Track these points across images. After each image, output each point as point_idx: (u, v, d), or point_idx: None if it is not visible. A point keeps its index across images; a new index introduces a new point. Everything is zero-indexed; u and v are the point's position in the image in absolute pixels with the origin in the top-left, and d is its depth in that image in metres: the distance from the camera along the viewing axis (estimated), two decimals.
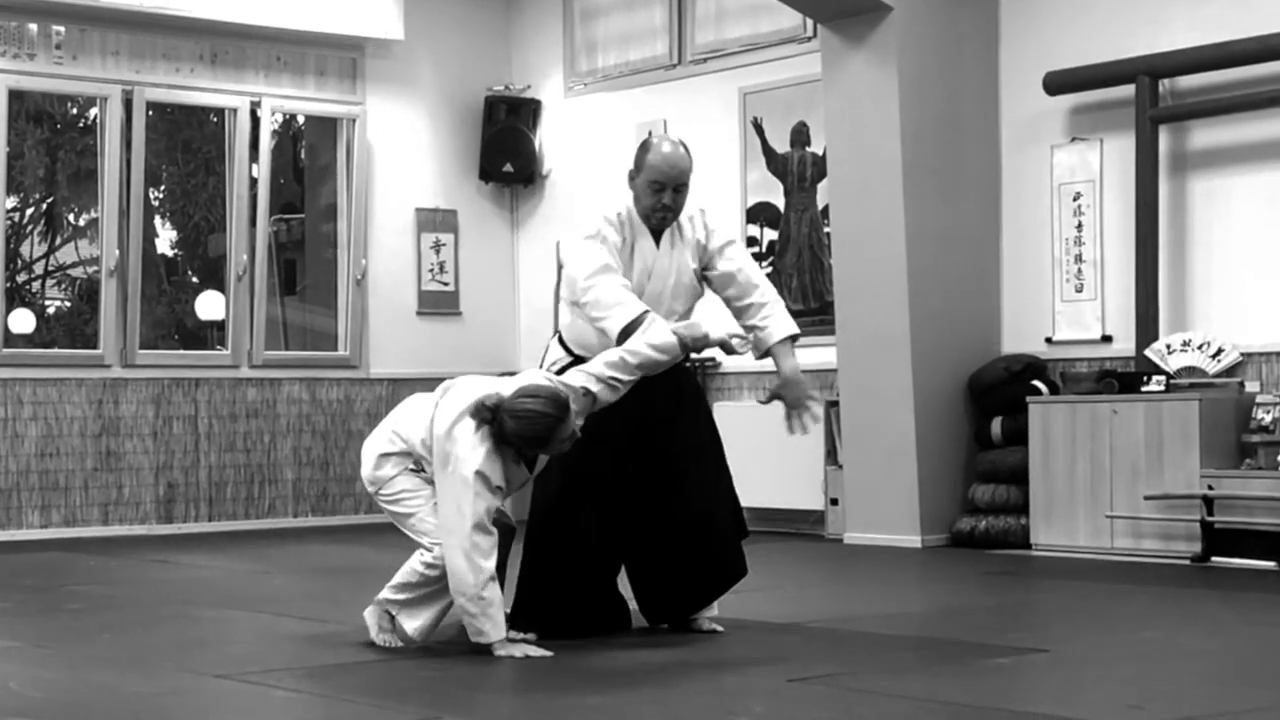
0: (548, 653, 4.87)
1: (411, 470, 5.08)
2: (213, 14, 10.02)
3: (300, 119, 12.72)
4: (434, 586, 5.01)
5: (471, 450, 4.85)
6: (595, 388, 4.99)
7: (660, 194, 5.22)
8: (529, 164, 11.07)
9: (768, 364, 9.77)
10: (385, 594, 5.10)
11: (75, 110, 16.20)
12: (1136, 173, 8.22)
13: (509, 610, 5.16)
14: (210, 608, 6.32)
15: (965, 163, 8.80)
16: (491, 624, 4.85)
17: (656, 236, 5.29)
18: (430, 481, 5.03)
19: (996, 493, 8.46)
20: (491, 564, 4.85)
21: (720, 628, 5.41)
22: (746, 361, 9.75)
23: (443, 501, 4.92)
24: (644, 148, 5.32)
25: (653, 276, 5.27)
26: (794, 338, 5.40)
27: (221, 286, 11.15)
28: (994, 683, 4.55)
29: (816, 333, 9.45)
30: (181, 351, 12.75)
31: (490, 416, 4.86)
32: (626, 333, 5.00)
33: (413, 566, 5.04)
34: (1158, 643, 5.32)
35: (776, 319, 5.37)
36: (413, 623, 5.05)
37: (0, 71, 9.62)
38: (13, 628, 5.82)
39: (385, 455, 5.11)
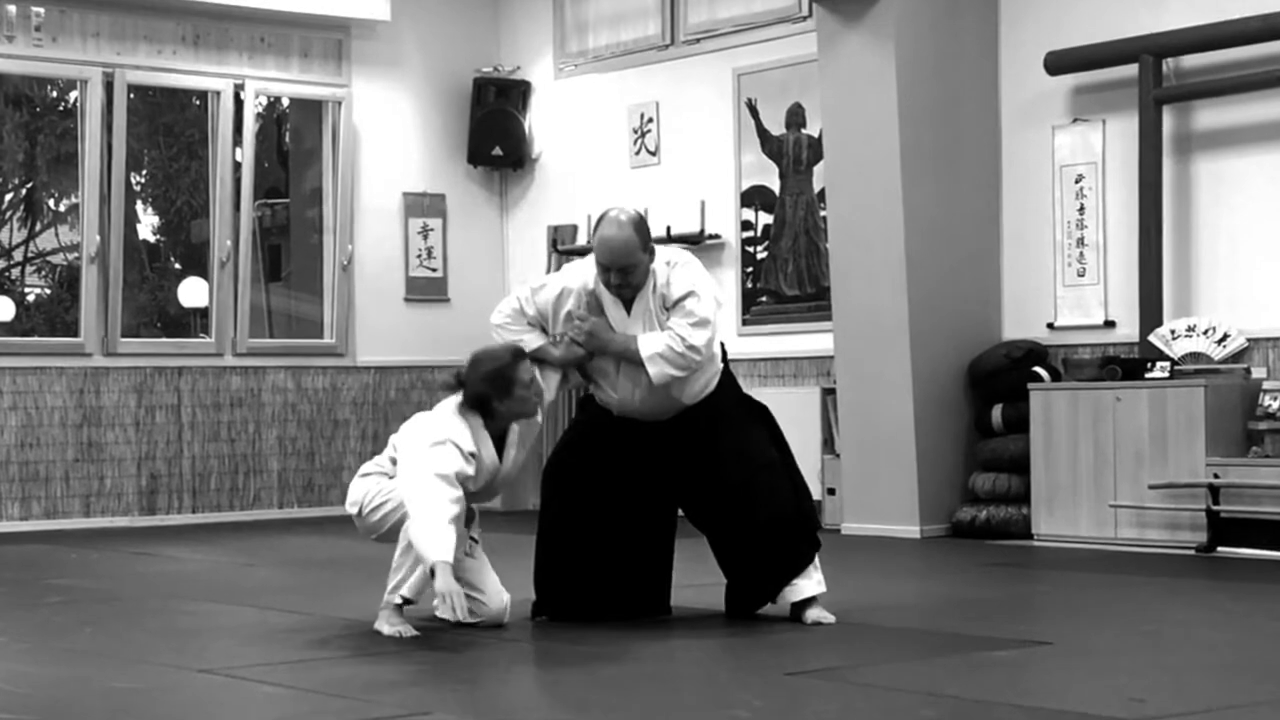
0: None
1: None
2: None
3: (284, 102, 12.62)
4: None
5: (438, 423, 5.07)
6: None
7: (607, 273, 5.23)
8: (518, 147, 10.96)
9: (760, 351, 9.74)
10: (388, 596, 5.14)
11: (55, 93, 16.09)
12: (1140, 154, 8.12)
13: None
14: (194, 601, 6.27)
15: (964, 145, 8.70)
16: (435, 545, 4.81)
17: (629, 304, 5.26)
18: None
19: (997, 482, 8.38)
20: (456, 495, 4.89)
21: (827, 619, 5.32)
22: (741, 350, 9.67)
23: (410, 462, 5.00)
24: (597, 223, 5.27)
25: None
26: (640, 356, 5.17)
27: (205, 273, 11.04)
28: (995, 676, 4.50)
29: (813, 319, 9.38)
30: (164, 339, 12.68)
31: (454, 382, 5.17)
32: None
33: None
34: (1162, 635, 5.29)
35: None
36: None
37: None
38: None
39: (365, 475, 5.34)
